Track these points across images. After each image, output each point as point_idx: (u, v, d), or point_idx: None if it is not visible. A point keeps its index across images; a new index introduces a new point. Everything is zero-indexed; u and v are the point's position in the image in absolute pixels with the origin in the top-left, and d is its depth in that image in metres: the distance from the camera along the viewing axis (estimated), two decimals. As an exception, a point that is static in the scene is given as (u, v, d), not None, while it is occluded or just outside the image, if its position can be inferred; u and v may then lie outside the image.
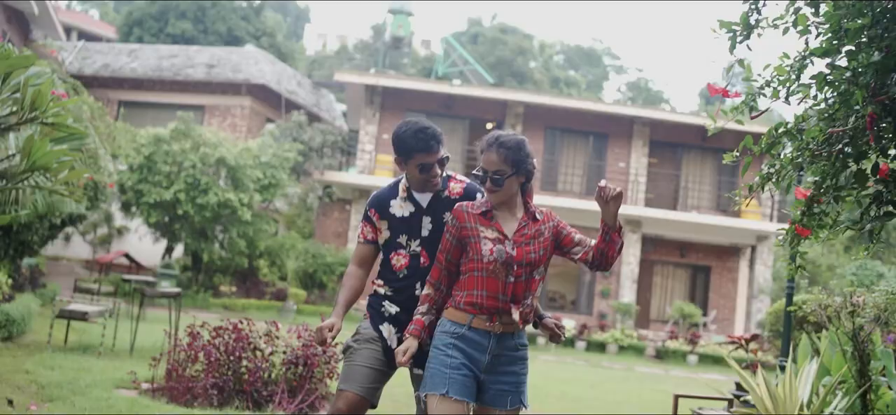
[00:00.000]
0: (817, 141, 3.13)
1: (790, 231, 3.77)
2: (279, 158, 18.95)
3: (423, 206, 3.61)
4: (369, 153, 23.36)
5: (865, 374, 5.89)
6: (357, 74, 24.91)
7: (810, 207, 3.73)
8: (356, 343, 3.56)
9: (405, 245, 3.60)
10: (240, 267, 19.68)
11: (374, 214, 3.65)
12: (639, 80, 70.95)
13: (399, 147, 3.53)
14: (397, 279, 3.59)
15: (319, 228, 23.97)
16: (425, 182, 3.55)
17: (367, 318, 3.65)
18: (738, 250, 24.66)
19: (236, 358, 6.83)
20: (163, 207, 17.43)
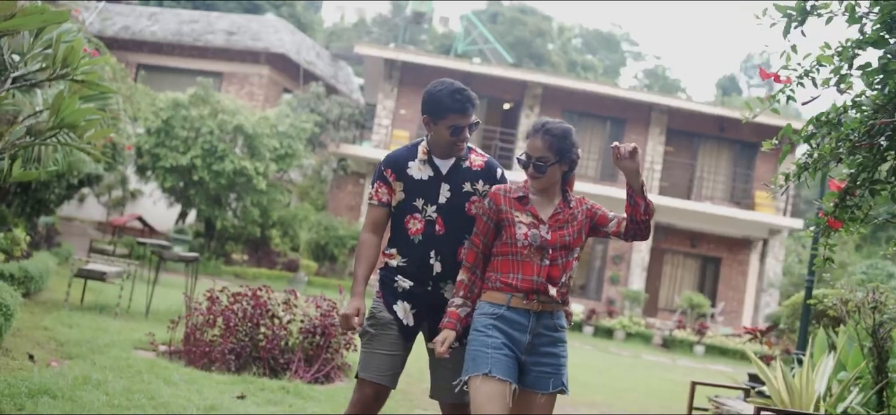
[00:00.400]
0: (859, 132, 3.11)
1: (821, 223, 3.75)
2: (296, 128, 18.97)
3: (442, 172, 3.49)
4: (386, 128, 23.35)
5: (883, 371, 5.89)
6: (377, 48, 24.86)
7: (844, 200, 3.71)
8: (373, 328, 3.45)
9: (422, 209, 3.46)
10: (252, 236, 19.76)
11: (391, 174, 3.49)
12: (656, 68, 70.62)
13: (432, 106, 3.39)
14: (411, 246, 3.46)
15: (332, 201, 24.01)
16: (452, 146, 3.44)
17: (379, 296, 3.53)
18: (750, 243, 24.60)
19: (254, 325, 6.87)
20: (179, 171, 17.50)
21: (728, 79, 70.79)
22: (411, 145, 3.56)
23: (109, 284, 10.05)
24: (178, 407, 4.98)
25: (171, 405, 5.00)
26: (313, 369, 6.75)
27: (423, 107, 3.44)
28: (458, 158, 3.51)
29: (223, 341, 6.76)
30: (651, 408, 9.02)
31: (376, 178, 3.52)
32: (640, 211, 3.32)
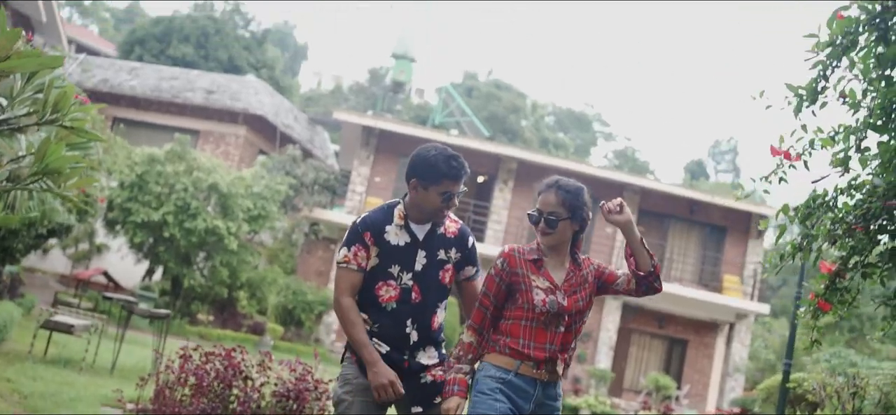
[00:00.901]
0: (855, 215, 3.15)
1: (812, 304, 3.78)
2: (271, 189, 18.89)
3: (419, 238, 3.41)
4: (360, 194, 23.34)
5: (861, 459, 5.89)
6: (355, 115, 24.98)
7: (834, 282, 3.74)
8: (349, 395, 3.33)
9: (397, 276, 3.36)
10: (219, 296, 19.48)
11: (370, 238, 3.37)
12: (626, 149, 71.67)
13: (425, 170, 3.32)
14: (384, 313, 3.35)
15: (302, 265, 23.82)
16: (439, 212, 3.37)
17: (352, 361, 3.40)
18: (717, 326, 24.72)
19: (226, 386, 6.72)
20: (149, 227, 17.29)
21: (696, 163, 71.94)
22: (386, 208, 3.46)
23: (76, 338, 9.83)
24: (149, 468, 4.83)
25: (141, 466, 4.85)
26: (285, 435, 6.59)
27: (414, 170, 3.36)
28: (434, 223, 3.45)
29: (194, 401, 6.60)
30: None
31: (354, 241, 3.39)
32: (647, 263, 3.30)
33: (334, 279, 3.50)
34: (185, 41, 33.25)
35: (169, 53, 32.59)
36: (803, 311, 3.77)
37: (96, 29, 48.15)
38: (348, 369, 3.40)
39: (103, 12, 54.22)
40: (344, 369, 3.42)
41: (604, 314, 23.46)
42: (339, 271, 3.40)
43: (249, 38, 37.32)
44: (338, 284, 3.38)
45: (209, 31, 34.13)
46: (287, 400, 6.83)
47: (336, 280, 3.41)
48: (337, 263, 3.42)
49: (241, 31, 38.11)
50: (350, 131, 24.42)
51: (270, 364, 7.09)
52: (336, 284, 3.39)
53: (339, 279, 3.39)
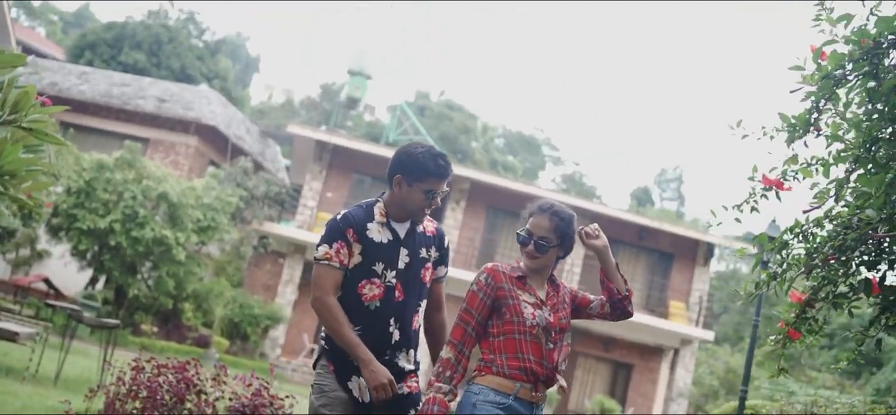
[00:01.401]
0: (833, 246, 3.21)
1: (781, 333, 3.84)
2: (221, 201, 18.62)
3: (400, 236, 3.37)
4: (311, 209, 23.18)
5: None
6: (309, 129, 24.85)
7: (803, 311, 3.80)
8: (327, 410, 3.23)
9: (381, 275, 3.29)
10: (164, 307, 19.10)
11: (353, 235, 3.28)
12: (574, 174, 72.33)
13: (412, 167, 3.29)
14: (367, 313, 3.26)
15: (249, 279, 23.52)
16: (420, 211, 3.33)
17: (328, 370, 3.30)
18: (662, 352, 25.02)
19: (179, 399, 6.57)
20: (95, 235, 16.90)
21: (642, 190, 72.97)
22: (365, 206, 3.40)
23: (19, 346, 9.52)
24: (102, 482, 4.68)
25: (94, 480, 4.70)
26: (239, 451, 6.46)
27: (400, 166, 3.33)
28: (413, 222, 3.41)
29: (148, 414, 6.43)
30: None
31: (335, 237, 3.28)
32: (622, 287, 3.33)
33: (314, 278, 3.28)
34: (138, 48, 32.70)
35: (120, 59, 32.01)
36: (773, 339, 3.82)
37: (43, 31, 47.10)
38: (324, 379, 3.29)
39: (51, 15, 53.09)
40: (319, 378, 3.31)
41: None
42: (320, 269, 3.27)
43: (203, 48, 36.87)
44: (319, 283, 3.26)
45: (162, 39, 33.63)
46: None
47: (317, 279, 3.27)
48: (316, 260, 3.29)
49: (194, 41, 37.61)
50: (303, 145, 24.25)
51: (225, 378, 6.97)
52: (317, 283, 3.26)
53: (320, 277, 3.26)
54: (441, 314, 3.59)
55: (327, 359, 3.31)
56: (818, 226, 3.52)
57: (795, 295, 3.79)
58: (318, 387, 3.28)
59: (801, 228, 3.49)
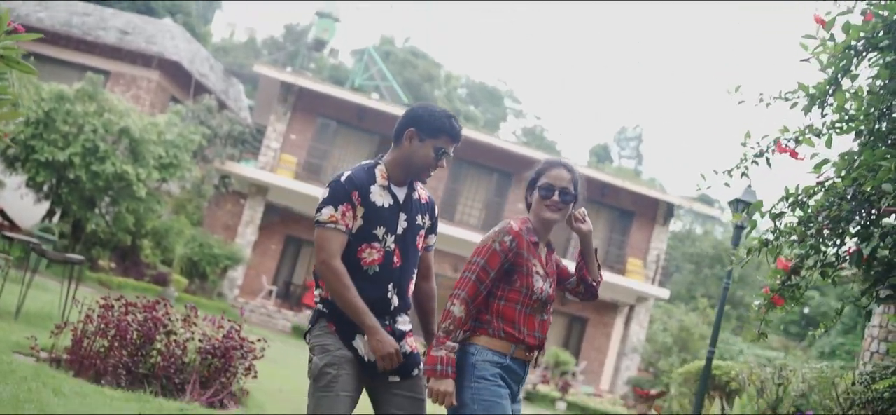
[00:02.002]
0: (827, 216, 3.25)
1: (766, 298, 3.89)
2: (184, 138, 18.32)
3: (400, 200, 3.31)
4: (274, 151, 22.94)
5: (778, 445, 6.15)
6: (275, 70, 24.48)
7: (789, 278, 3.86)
8: (333, 369, 3.15)
9: (381, 239, 3.22)
10: (122, 244, 18.85)
11: (357, 197, 3.19)
12: (535, 127, 72.43)
13: (427, 121, 3.24)
14: (365, 278, 3.20)
15: (209, 218, 23.30)
16: (425, 169, 3.28)
17: (331, 330, 3.23)
18: (617, 307, 25.39)
19: (148, 339, 6.51)
20: (53, 167, 16.54)
21: (601, 147, 73.40)
22: (366, 168, 3.31)
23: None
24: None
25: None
26: (209, 393, 6.44)
27: (414, 121, 3.28)
28: (411, 187, 3.37)
29: (115, 353, 6.37)
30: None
31: (341, 199, 3.18)
32: (596, 273, 3.33)
33: (318, 241, 3.17)
34: (99, -24, 31.77)
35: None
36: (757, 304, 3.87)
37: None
38: (327, 338, 3.22)
39: (5, -64, 51.30)
40: (320, 338, 3.24)
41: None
42: (326, 232, 3.17)
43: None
44: (326, 246, 3.15)
45: (124, -32, 32.73)
46: (213, 358, 6.68)
47: (322, 242, 3.17)
48: (320, 223, 3.18)
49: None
50: (268, 86, 23.92)
51: (196, 320, 6.91)
52: (323, 247, 3.16)
53: (326, 240, 3.16)
54: (430, 283, 3.55)
55: (327, 320, 3.25)
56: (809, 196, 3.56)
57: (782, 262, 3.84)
58: (321, 347, 3.21)
59: (795, 196, 3.52)
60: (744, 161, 3.91)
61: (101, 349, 6.42)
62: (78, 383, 5.76)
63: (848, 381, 5.91)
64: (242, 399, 6.94)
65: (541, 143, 65.78)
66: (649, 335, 25.20)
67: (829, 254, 3.46)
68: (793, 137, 3.66)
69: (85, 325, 6.51)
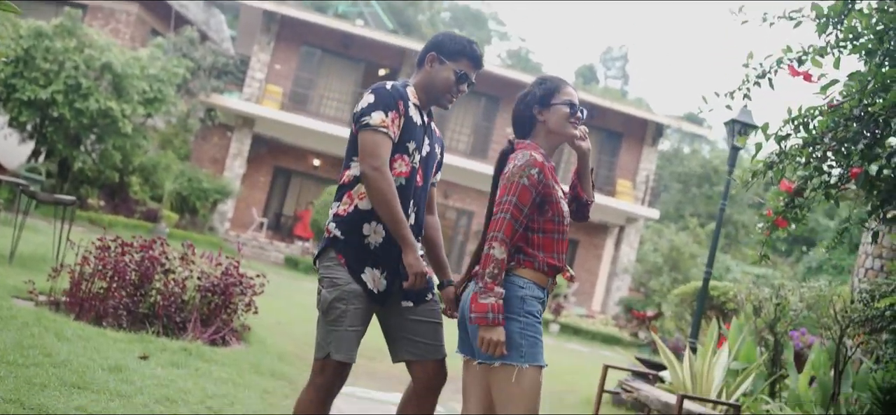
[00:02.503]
0: (833, 137, 3.21)
1: (769, 221, 3.87)
2: (168, 72, 18.01)
3: (426, 122, 3.35)
4: (259, 82, 22.68)
5: (778, 363, 6.21)
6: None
7: (793, 201, 3.83)
8: (342, 303, 3.12)
9: (411, 154, 3.22)
10: (110, 181, 18.67)
11: (402, 107, 3.17)
12: (520, 50, 71.92)
13: (449, 44, 3.28)
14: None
15: (197, 152, 23.12)
16: (447, 93, 3.28)
17: (340, 262, 3.15)
18: (607, 229, 25.52)
19: (147, 279, 6.47)
20: (36, 106, 16.27)
21: (587, 68, 73.01)
22: (401, 84, 3.28)
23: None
24: (80, 367, 4.60)
25: (72, 363, 4.62)
26: (210, 331, 6.44)
27: (434, 45, 3.31)
28: (430, 115, 3.39)
29: (113, 294, 6.32)
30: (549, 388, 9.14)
31: (391, 106, 3.12)
32: (590, 193, 3.30)
33: (367, 146, 3.06)
34: None
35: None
36: (760, 226, 3.85)
37: None
38: (337, 271, 3.17)
39: None
40: (329, 270, 3.18)
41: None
42: (377, 136, 3.08)
43: None
44: (375, 151, 3.06)
45: None
46: (212, 295, 6.66)
47: (373, 147, 3.06)
48: (370, 126, 3.09)
49: None
50: (250, 15, 23.51)
51: (193, 258, 6.87)
52: (373, 152, 3.05)
53: (376, 145, 3.07)
54: (435, 215, 3.56)
55: (336, 251, 3.19)
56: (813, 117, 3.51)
57: (785, 184, 3.79)
58: (330, 280, 3.17)
59: (801, 118, 3.47)
60: (746, 82, 3.85)
61: (101, 291, 6.38)
62: (80, 326, 5.71)
63: (845, 298, 5.94)
64: (244, 335, 6.94)
65: (526, 65, 65.36)
66: (640, 256, 25.39)
67: (833, 175, 3.42)
68: (796, 58, 3.61)
69: (82, 267, 6.45)
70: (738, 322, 6.80)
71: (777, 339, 6.19)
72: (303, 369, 6.58)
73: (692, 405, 5.24)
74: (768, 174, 3.74)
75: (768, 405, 5.45)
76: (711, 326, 6.90)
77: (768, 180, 3.74)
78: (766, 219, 3.97)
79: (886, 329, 4.70)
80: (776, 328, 6.24)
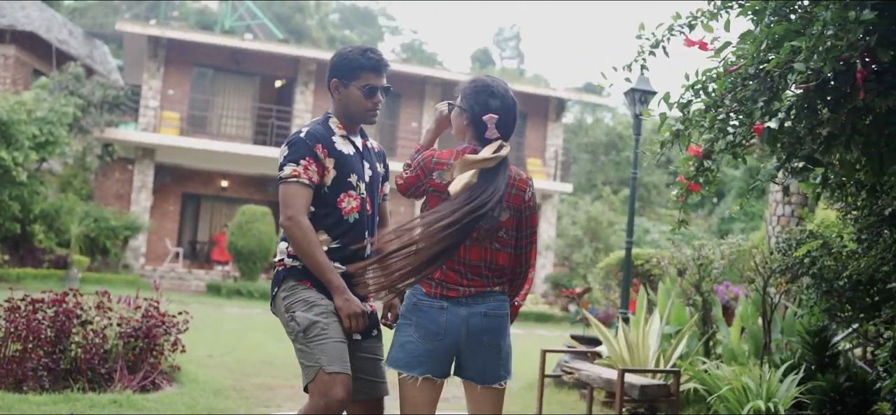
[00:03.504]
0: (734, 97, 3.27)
1: (682, 187, 3.90)
2: (56, 112, 17.30)
3: (358, 147, 3.27)
4: (154, 110, 22.03)
5: (708, 321, 6.34)
6: (140, 25, 23.34)
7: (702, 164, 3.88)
8: (323, 318, 3.02)
9: (356, 186, 3.18)
10: (11, 233, 17.85)
11: (322, 150, 3.12)
12: (413, 42, 71.93)
13: (343, 66, 3.20)
14: (347, 226, 3.14)
15: (99, 190, 22.31)
16: (366, 112, 3.21)
17: (307, 286, 3.10)
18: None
19: (65, 334, 6.17)
20: (-80, 166, 15.44)
21: (482, 51, 73.53)
22: (322, 121, 3.26)
23: None
24: (6, 439, 4.35)
25: (-4, 437, 4.36)
26: (139, 377, 6.19)
27: (332, 71, 3.23)
28: (363, 136, 3.32)
29: (31, 355, 6.01)
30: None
31: (303, 154, 3.09)
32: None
33: (283, 197, 3.09)
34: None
35: None
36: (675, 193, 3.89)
37: None
38: (308, 292, 3.10)
39: None
40: (299, 292, 3.11)
41: (417, 207, 23.71)
42: (290, 187, 3.08)
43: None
44: (291, 202, 3.06)
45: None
46: (135, 339, 6.40)
47: (287, 198, 3.08)
48: (284, 179, 3.10)
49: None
50: (134, 43, 22.79)
51: (110, 305, 6.59)
52: (288, 203, 3.07)
53: (291, 196, 3.07)
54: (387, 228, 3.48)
55: (298, 278, 3.13)
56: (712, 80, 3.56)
57: (693, 149, 3.84)
58: (303, 301, 3.08)
59: (700, 83, 3.52)
60: (641, 53, 3.89)
61: (16, 354, 6.05)
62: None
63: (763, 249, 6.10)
64: (175, 376, 6.71)
65: (422, 57, 65.42)
66: (559, 231, 25.70)
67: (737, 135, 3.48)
68: (687, 23, 3.66)
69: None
70: (665, 286, 6.92)
71: (704, 298, 6.33)
72: (241, 402, 6.42)
73: (633, 378, 5.30)
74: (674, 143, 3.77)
75: (705, 365, 5.56)
76: (640, 295, 7.00)
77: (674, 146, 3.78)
78: (680, 185, 4.00)
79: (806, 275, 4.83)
80: (702, 288, 6.38)
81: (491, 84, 3.12)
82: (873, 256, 4.07)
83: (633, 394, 5.13)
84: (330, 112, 3.30)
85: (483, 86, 3.11)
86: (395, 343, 2.98)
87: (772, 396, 4.74)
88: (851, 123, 3.16)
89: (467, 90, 3.13)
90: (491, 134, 3.04)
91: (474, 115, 3.06)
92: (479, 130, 3.06)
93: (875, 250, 4.11)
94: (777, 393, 4.80)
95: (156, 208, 22.56)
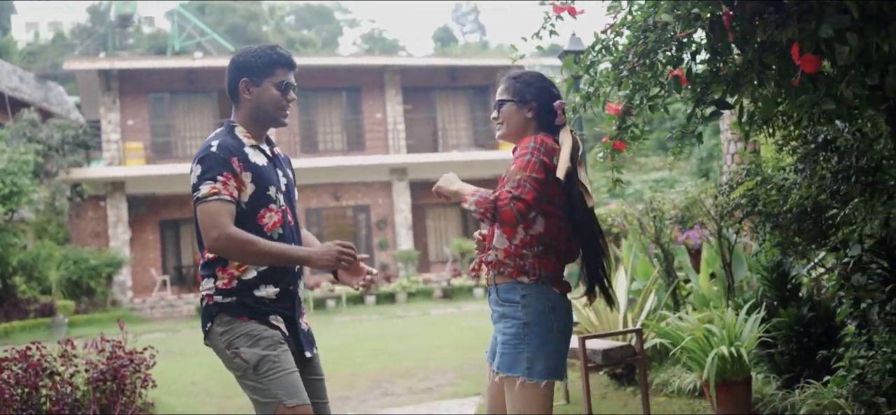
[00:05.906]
0: (636, 52, 3.23)
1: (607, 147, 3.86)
2: (17, 162, 17.11)
3: (269, 155, 3.08)
4: (116, 143, 21.84)
5: (672, 272, 6.32)
6: (88, 60, 23.09)
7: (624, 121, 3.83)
8: (270, 350, 2.87)
9: (275, 198, 2.99)
10: (-8, 288, 17.71)
11: (238, 163, 2.91)
12: (373, 32, 71.70)
13: (253, 65, 3.00)
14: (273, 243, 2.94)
15: (75, 231, 22.12)
16: (279, 110, 3.03)
17: (243, 320, 2.91)
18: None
19: (32, 388, 6.10)
20: None
21: (443, 30, 73.34)
22: (227, 132, 3.02)
23: None
24: None
25: None
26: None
27: (240, 71, 3.02)
28: (270, 143, 3.14)
29: None
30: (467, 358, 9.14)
31: (220, 169, 2.87)
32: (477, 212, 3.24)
33: (203, 220, 2.85)
34: None
35: None
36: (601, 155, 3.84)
37: None
38: (246, 326, 2.92)
39: None
40: (238, 327, 2.93)
41: (395, 197, 23.68)
42: (210, 205, 2.84)
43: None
44: (213, 222, 2.83)
45: None
46: (104, 383, 6.33)
47: (209, 217, 2.84)
48: (200, 199, 2.86)
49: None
50: (87, 79, 22.59)
51: (74, 351, 6.51)
52: (213, 223, 2.83)
53: (213, 213, 2.83)
54: (303, 230, 3.36)
55: (234, 314, 2.94)
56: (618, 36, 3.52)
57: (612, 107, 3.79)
58: (246, 336, 2.91)
59: (603, 42, 3.47)
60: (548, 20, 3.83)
61: (-14, 417, 5.98)
62: (-32, 463, 5.34)
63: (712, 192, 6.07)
64: (149, 411, 6.65)
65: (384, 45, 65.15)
66: (535, 199, 25.70)
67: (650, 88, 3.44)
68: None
69: (-41, 399, 6.02)
70: (627, 243, 6.90)
71: (665, 249, 6.31)
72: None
73: (595, 342, 5.26)
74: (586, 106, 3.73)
75: (669, 317, 5.53)
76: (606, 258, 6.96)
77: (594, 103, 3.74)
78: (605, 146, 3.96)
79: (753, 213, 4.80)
80: (661, 240, 6.36)
81: (544, 76, 3.32)
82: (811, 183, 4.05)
83: (596, 359, 5.09)
84: (233, 121, 3.09)
85: (539, 77, 3.29)
86: (543, 353, 2.90)
87: (735, 339, 4.73)
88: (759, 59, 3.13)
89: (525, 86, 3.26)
90: (560, 120, 3.21)
91: (542, 104, 3.22)
92: (546, 118, 3.22)
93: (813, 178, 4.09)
94: (742, 334, 4.79)
95: (135, 240, 22.40)
